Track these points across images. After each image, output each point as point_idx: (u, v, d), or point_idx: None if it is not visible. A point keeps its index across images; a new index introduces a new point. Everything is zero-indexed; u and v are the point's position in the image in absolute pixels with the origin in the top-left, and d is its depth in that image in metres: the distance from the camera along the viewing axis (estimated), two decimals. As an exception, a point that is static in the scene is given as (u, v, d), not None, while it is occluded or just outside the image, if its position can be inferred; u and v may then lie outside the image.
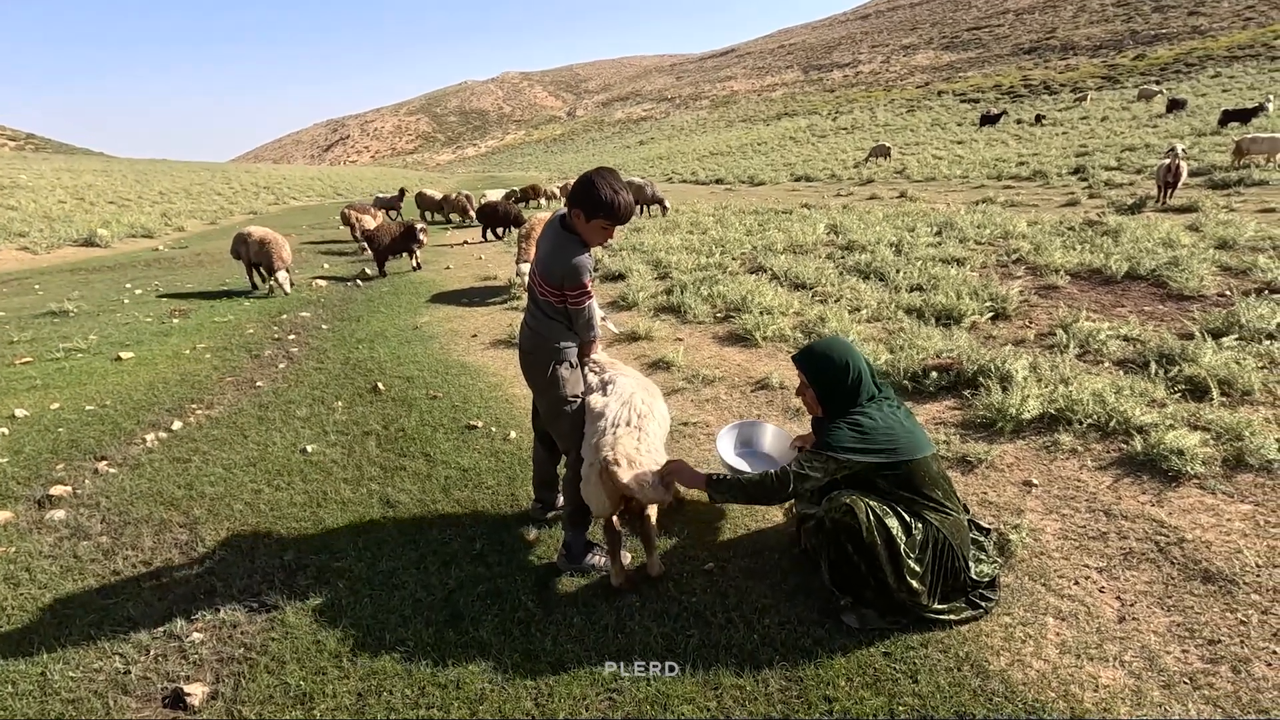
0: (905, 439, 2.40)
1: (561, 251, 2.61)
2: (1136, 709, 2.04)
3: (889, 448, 2.36)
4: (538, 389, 2.86)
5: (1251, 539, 2.73)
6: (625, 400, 2.75)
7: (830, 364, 2.49)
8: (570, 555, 2.88)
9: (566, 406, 2.80)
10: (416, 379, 5.39)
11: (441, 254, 11.87)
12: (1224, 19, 48.03)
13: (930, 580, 2.39)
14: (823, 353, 2.54)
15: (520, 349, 2.90)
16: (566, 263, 2.59)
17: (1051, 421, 3.78)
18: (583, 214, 2.58)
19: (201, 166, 44.21)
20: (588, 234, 2.63)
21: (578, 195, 2.57)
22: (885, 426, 2.39)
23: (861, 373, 2.49)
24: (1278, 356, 4.25)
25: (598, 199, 2.53)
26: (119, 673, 2.45)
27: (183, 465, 4.08)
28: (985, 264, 7.36)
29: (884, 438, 2.37)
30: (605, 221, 2.59)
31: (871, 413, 2.43)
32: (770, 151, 34.91)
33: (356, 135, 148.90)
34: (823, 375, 2.50)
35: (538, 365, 2.78)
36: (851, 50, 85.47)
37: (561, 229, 2.67)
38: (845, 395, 2.47)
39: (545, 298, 2.70)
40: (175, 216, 20.11)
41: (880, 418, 2.42)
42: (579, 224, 2.61)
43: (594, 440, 2.66)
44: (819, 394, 2.53)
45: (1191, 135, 18.59)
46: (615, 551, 2.73)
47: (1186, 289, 5.71)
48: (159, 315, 8.16)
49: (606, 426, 2.67)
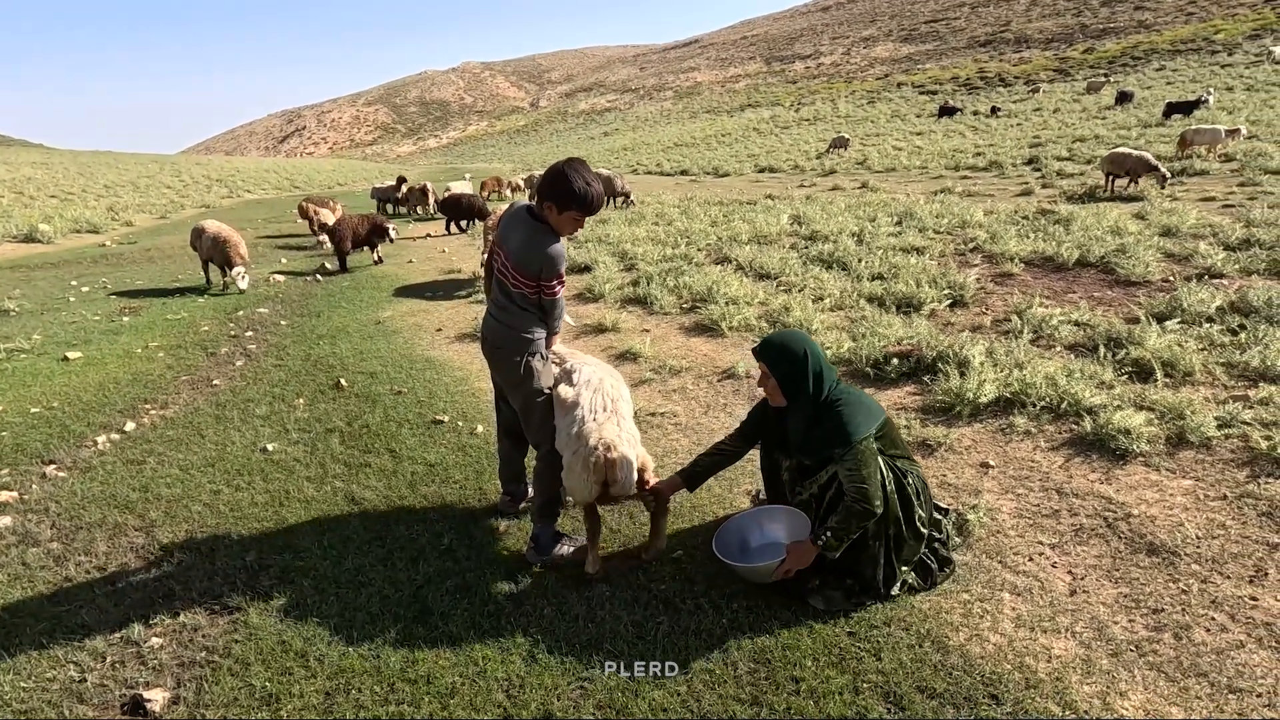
0: (873, 403, 2.60)
1: (537, 242, 2.61)
2: (1087, 677, 2.14)
3: (878, 410, 2.56)
4: (510, 384, 2.84)
5: (1192, 512, 2.87)
6: (596, 388, 2.75)
7: (791, 354, 2.57)
8: (539, 547, 2.88)
9: (539, 399, 2.79)
10: (380, 374, 5.30)
11: (403, 247, 11.67)
12: (1167, 14, 49.68)
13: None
14: (782, 343, 2.62)
15: (486, 343, 2.87)
16: (544, 252, 2.59)
17: (1007, 404, 3.91)
18: (555, 206, 2.58)
19: (149, 158, 42.65)
20: (559, 225, 2.64)
21: (550, 187, 2.56)
22: (858, 396, 2.59)
23: (820, 360, 2.58)
24: (1216, 339, 4.46)
25: (571, 191, 2.54)
26: (74, 681, 2.37)
27: (137, 467, 3.96)
28: (944, 253, 7.53)
29: (871, 405, 2.56)
30: (577, 213, 2.60)
31: (841, 392, 2.58)
32: (734, 143, 35.08)
33: (313, 126, 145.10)
34: (784, 365, 2.58)
35: (507, 359, 2.77)
36: (813, 42, 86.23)
37: (531, 219, 2.66)
38: (809, 382, 2.54)
39: (519, 289, 2.68)
40: (122, 211, 19.34)
41: (848, 393, 2.58)
42: (550, 215, 2.61)
43: (575, 430, 2.64)
44: (781, 383, 2.60)
45: (1138, 127, 19.23)
46: (594, 539, 2.74)
47: (1133, 275, 5.93)
48: (108, 313, 7.87)
49: (584, 415, 2.66)
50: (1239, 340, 4.38)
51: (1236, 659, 2.16)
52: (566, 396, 2.74)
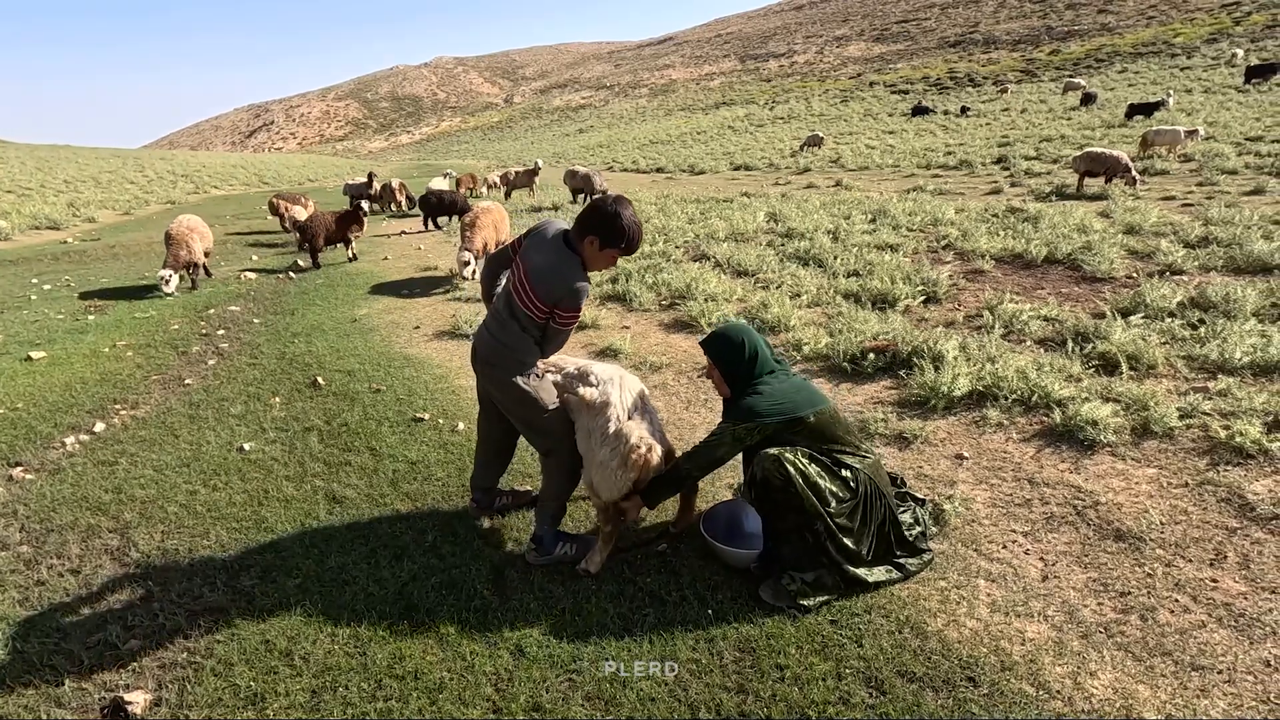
0: (801, 397, 2.62)
1: (565, 271, 2.55)
2: (1059, 658, 2.22)
3: (789, 406, 2.58)
4: (507, 403, 2.81)
5: (1156, 499, 2.98)
6: (621, 385, 2.77)
7: (728, 343, 2.69)
8: (543, 549, 2.83)
9: (545, 414, 2.75)
10: (358, 372, 5.25)
11: (378, 245, 11.53)
12: (1129, 17, 50.95)
13: (859, 529, 2.55)
14: (721, 334, 2.74)
15: (479, 358, 2.82)
16: (570, 285, 2.54)
17: (980, 398, 4.01)
18: (598, 240, 2.55)
19: (110, 153, 41.42)
20: (594, 260, 2.61)
21: (597, 222, 2.53)
22: (782, 390, 2.63)
23: (758, 349, 2.67)
24: (1178, 333, 4.62)
25: (620, 230, 2.52)
26: (50, 686, 2.33)
27: (109, 468, 3.88)
28: (917, 250, 7.67)
29: (782, 398, 2.59)
30: (617, 253, 2.59)
31: (770, 381, 2.65)
32: (710, 140, 35.19)
33: (281, 121, 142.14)
34: (724, 354, 2.69)
35: (501, 379, 2.74)
36: (786, 40, 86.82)
37: (564, 246, 2.61)
38: (745, 371, 2.66)
39: (529, 312, 2.63)
40: (84, 207, 18.78)
41: (777, 384, 2.65)
42: (588, 249, 2.58)
43: (612, 429, 2.63)
44: (723, 372, 2.71)
45: (1101, 127, 19.72)
46: (611, 539, 2.77)
47: (1099, 272, 6.10)
48: (72, 312, 7.66)
49: (619, 414, 2.67)
50: (1199, 334, 4.54)
51: (1199, 638, 2.26)
52: (592, 397, 2.70)
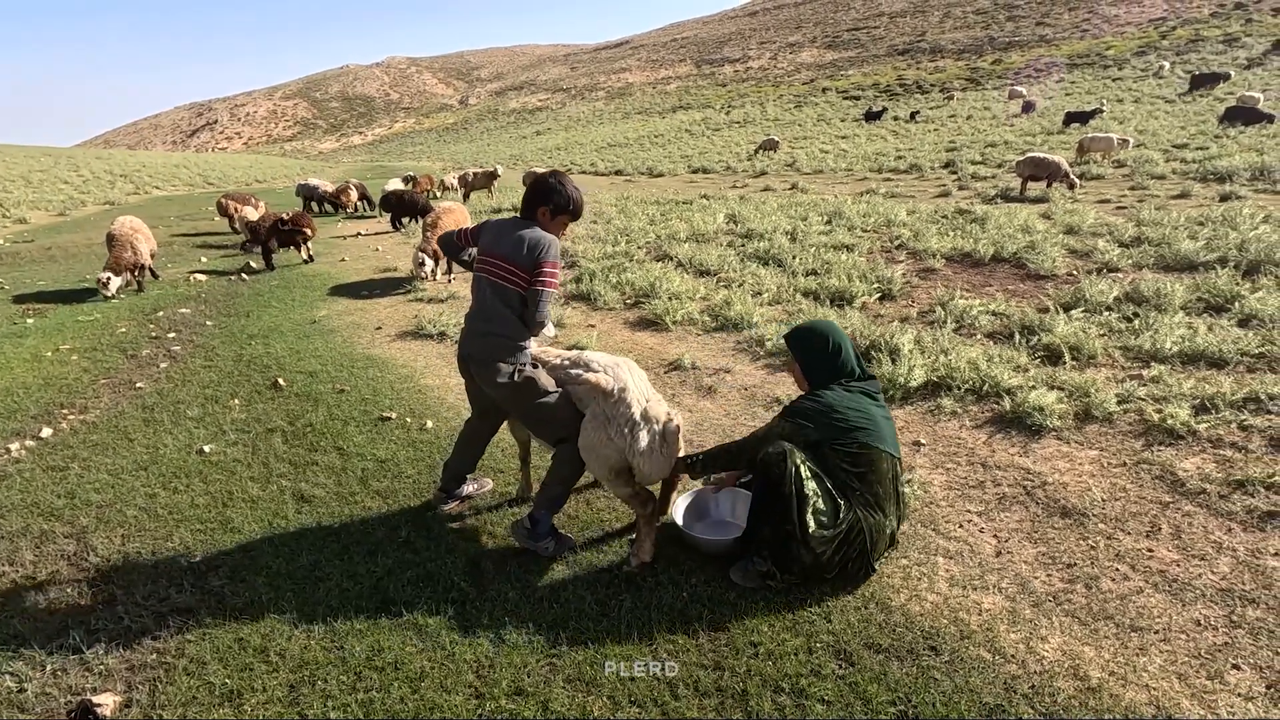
0: (862, 422, 2.52)
1: (535, 233, 2.76)
2: (1012, 626, 2.36)
3: (841, 422, 2.51)
4: (511, 400, 2.83)
5: (1098, 479, 3.18)
6: (628, 369, 2.78)
7: (812, 339, 2.71)
8: (536, 532, 2.81)
9: (550, 402, 2.79)
10: (320, 373, 5.17)
11: (334, 246, 11.30)
12: (1065, 30, 53.29)
13: (829, 556, 2.45)
14: (807, 329, 2.76)
15: (470, 360, 2.84)
16: (544, 240, 2.74)
17: (935, 388, 4.19)
18: (549, 210, 2.81)
19: (41, 151, 39.47)
20: (549, 229, 2.82)
21: (545, 193, 2.79)
22: (844, 404, 2.56)
23: (843, 348, 2.67)
24: (1115, 325, 4.90)
25: (566, 195, 2.79)
26: (12, 691, 2.26)
27: (60, 474, 3.75)
28: (872, 249, 7.92)
29: (840, 413, 2.53)
30: (567, 217, 2.83)
31: (837, 390, 2.61)
32: (667, 144, 35.44)
33: (226, 120, 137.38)
34: (806, 350, 2.71)
35: (499, 374, 2.76)
36: (741, 46, 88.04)
37: (523, 220, 2.83)
38: (826, 370, 2.66)
39: (516, 285, 2.74)
40: (14, 207, 17.86)
41: (844, 396, 2.59)
42: (543, 219, 2.82)
43: (638, 412, 2.64)
44: (802, 368, 2.72)
45: (1041, 134, 20.61)
46: (653, 522, 2.74)
47: (1042, 269, 6.42)
48: (9, 315, 7.33)
49: (638, 396, 2.69)
50: (1133, 326, 4.83)
51: (1137, 603, 2.44)
52: (605, 384, 2.65)
